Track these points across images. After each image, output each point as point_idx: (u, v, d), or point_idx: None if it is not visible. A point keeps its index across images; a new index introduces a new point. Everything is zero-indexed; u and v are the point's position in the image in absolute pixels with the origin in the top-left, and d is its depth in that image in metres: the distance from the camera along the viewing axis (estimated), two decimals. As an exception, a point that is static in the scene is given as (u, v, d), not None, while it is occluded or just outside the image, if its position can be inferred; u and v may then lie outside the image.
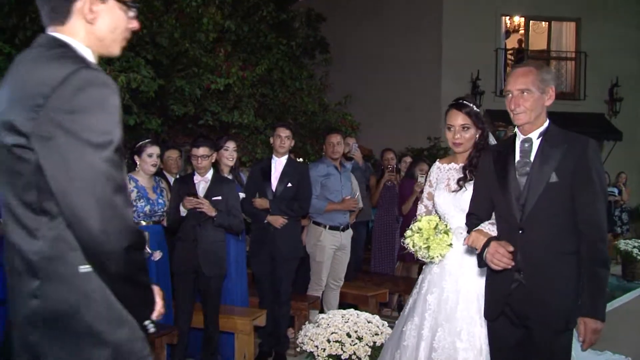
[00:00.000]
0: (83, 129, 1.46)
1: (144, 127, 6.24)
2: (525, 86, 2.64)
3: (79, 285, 1.57)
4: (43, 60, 1.53)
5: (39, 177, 1.50)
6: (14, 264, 1.62)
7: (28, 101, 1.46)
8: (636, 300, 7.94)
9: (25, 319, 1.58)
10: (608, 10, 14.95)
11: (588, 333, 2.51)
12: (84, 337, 1.57)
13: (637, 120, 15.71)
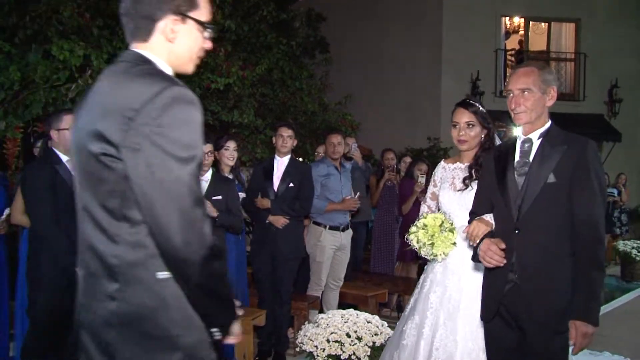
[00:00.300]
0: (170, 143, 1.53)
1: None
2: (527, 86, 2.64)
3: (157, 290, 1.63)
4: (131, 75, 1.62)
5: (124, 185, 1.58)
6: (90, 266, 1.69)
7: (119, 114, 1.54)
8: (635, 301, 7.96)
9: (101, 319, 1.64)
10: (608, 12, 14.97)
11: (579, 337, 2.47)
12: (157, 340, 1.63)
13: (637, 121, 15.72)
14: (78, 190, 1.72)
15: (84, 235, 1.72)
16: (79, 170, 1.70)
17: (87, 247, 1.70)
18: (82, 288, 1.73)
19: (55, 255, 3.68)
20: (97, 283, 1.67)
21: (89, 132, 1.61)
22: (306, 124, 9.66)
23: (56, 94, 5.28)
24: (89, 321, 1.68)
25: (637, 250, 9.60)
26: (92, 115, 1.62)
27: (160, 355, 1.64)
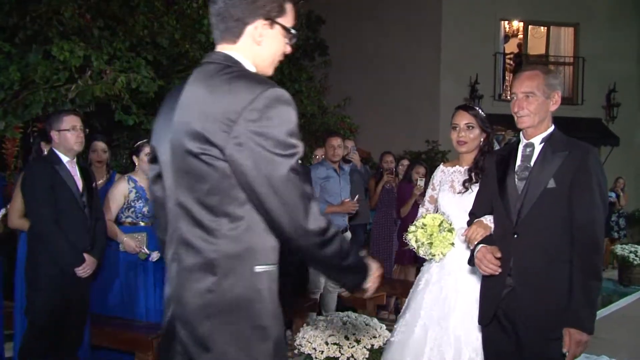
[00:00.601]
0: (272, 142, 1.61)
1: (143, 127, 6.25)
2: (530, 89, 2.63)
3: (253, 282, 1.72)
4: (228, 78, 1.69)
5: (225, 183, 1.66)
6: (185, 261, 1.75)
7: (221, 116, 1.61)
8: (632, 305, 7.97)
9: (197, 311, 1.71)
10: (606, 16, 15.00)
11: (572, 345, 2.46)
12: (252, 330, 1.71)
13: (634, 125, 15.76)
14: (171, 187, 1.79)
15: (178, 231, 1.77)
16: (173, 169, 1.76)
17: (182, 242, 1.76)
18: (176, 282, 1.78)
19: (54, 255, 3.69)
20: (192, 277, 1.72)
21: (187, 132, 1.68)
22: (305, 126, 9.66)
23: (56, 94, 5.28)
24: (183, 314, 1.74)
25: (634, 255, 9.61)
26: (190, 117, 1.69)
27: (254, 345, 1.71)
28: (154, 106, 6.60)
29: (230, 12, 1.76)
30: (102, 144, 5.01)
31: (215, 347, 1.69)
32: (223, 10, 1.77)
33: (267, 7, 1.77)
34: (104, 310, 4.45)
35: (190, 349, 1.73)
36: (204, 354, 1.70)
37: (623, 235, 11.88)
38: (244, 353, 1.71)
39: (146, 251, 4.45)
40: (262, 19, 1.78)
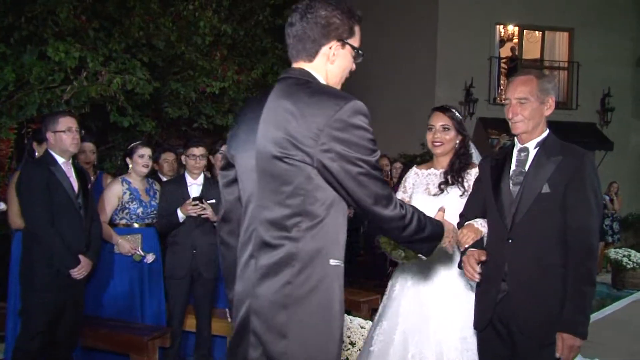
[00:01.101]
0: (355, 146, 1.84)
1: (138, 129, 6.25)
2: (524, 95, 2.62)
3: (327, 275, 1.91)
4: (311, 91, 1.90)
5: (309, 185, 1.86)
6: (263, 259, 1.91)
7: (310, 125, 1.82)
8: (625, 308, 8.00)
9: (274, 303, 1.88)
10: (601, 21, 15.07)
11: (565, 349, 2.45)
12: (325, 316, 1.90)
13: (628, 130, 15.83)
14: (254, 190, 1.97)
15: (257, 231, 1.94)
16: (257, 174, 1.94)
17: (261, 242, 1.93)
18: (253, 279, 1.94)
19: (49, 257, 3.68)
20: (271, 273, 1.89)
21: (275, 140, 1.87)
22: (301, 129, 9.65)
23: (51, 95, 5.28)
24: (260, 307, 1.91)
25: (627, 259, 9.65)
26: (277, 126, 1.87)
27: (326, 331, 1.91)
28: (149, 107, 6.60)
29: (307, 34, 1.98)
30: (90, 144, 5.00)
31: (291, 334, 1.86)
32: (301, 32, 1.99)
33: (339, 29, 1.99)
34: (99, 312, 4.44)
35: (266, 338, 1.88)
36: (281, 341, 1.86)
37: (617, 239, 11.93)
38: (317, 337, 1.89)
39: (141, 253, 4.44)
40: (336, 40, 2.00)
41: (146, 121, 6.26)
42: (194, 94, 6.96)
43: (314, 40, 1.98)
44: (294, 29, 2.02)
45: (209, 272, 4.50)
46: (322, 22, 1.97)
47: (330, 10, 1.98)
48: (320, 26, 1.97)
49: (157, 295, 4.60)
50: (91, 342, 4.22)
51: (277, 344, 1.87)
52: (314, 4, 1.99)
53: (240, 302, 2.00)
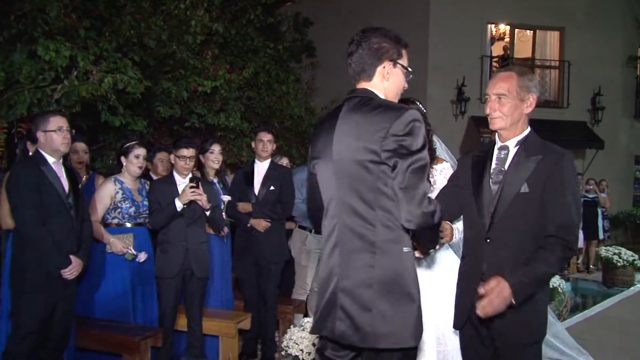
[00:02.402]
0: (412, 145, 2.20)
1: (130, 128, 6.22)
2: (503, 91, 2.61)
3: (403, 260, 2.28)
4: (374, 104, 2.32)
5: (378, 183, 2.25)
6: (350, 244, 2.32)
7: (375, 131, 2.22)
8: (616, 306, 8.04)
9: (361, 282, 2.28)
10: (591, 21, 15.14)
11: (495, 293, 2.42)
12: (402, 295, 2.27)
13: (618, 129, 15.93)
14: (335, 189, 2.38)
15: (344, 222, 2.34)
16: (336, 175, 2.35)
17: (347, 230, 2.33)
18: (340, 262, 2.34)
19: (40, 257, 3.66)
20: (356, 257, 2.30)
21: (350, 146, 2.30)
22: (292, 128, 9.65)
23: (41, 94, 5.23)
24: (349, 286, 2.30)
25: (618, 257, 9.70)
26: (351, 135, 2.30)
27: (404, 307, 2.27)
28: (140, 107, 6.57)
29: (365, 59, 2.38)
30: (82, 144, 4.98)
31: (375, 308, 2.24)
32: (359, 58, 2.39)
33: (390, 52, 2.39)
34: (91, 312, 4.43)
35: (353, 312, 2.28)
36: (366, 314, 2.25)
37: (607, 237, 11.98)
38: (396, 312, 2.25)
39: (133, 252, 4.43)
40: (388, 60, 2.39)
41: (138, 120, 6.23)
42: (185, 93, 6.93)
43: (370, 63, 2.38)
44: (354, 57, 2.41)
45: (201, 270, 4.49)
46: (375, 47, 2.37)
47: (380, 37, 2.38)
48: (374, 50, 2.37)
49: (149, 295, 4.59)
50: (83, 343, 4.21)
51: (364, 317, 2.25)
52: (367, 34, 2.40)
53: (326, 284, 2.38)
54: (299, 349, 3.91)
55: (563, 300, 6.69)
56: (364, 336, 2.25)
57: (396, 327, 2.24)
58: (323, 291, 2.40)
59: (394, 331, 2.23)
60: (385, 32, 2.41)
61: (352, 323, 2.27)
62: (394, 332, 2.24)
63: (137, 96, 5.82)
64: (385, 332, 2.23)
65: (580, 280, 10.60)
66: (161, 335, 4.29)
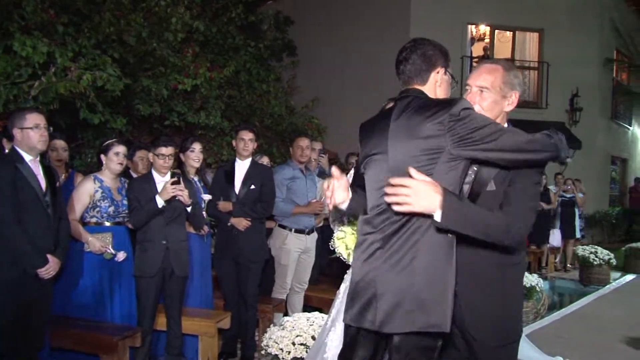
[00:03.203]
0: (468, 129, 2.23)
1: (109, 126, 6.16)
2: (486, 84, 2.50)
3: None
4: (429, 101, 2.40)
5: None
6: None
7: (433, 121, 2.26)
8: (592, 303, 8.16)
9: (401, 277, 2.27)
10: (569, 23, 15.32)
11: (414, 194, 2.17)
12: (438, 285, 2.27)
13: (595, 129, 16.14)
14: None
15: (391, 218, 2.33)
16: (396, 172, 2.30)
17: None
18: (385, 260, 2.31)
19: (16, 256, 3.61)
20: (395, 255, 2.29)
21: (409, 137, 2.33)
22: (272, 126, 9.64)
23: (18, 91, 5.16)
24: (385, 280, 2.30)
25: (594, 255, 9.84)
26: (407, 129, 2.34)
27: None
28: (120, 104, 6.52)
29: (420, 65, 2.50)
30: (61, 142, 4.93)
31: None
32: (413, 65, 2.50)
33: (441, 60, 2.53)
34: (68, 312, 4.38)
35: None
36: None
37: (582, 236, 12.13)
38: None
39: (112, 251, 4.39)
40: (440, 66, 2.52)
41: (117, 118, 6.17)
42: (165, 91, 6.89)
43: (426, 69, 2.50)
44: (408, 63, 2.52)
45: (181, 269, 4.47)
46: (430, 54, 2.49)
47: (433, 46, 2.53)
48: (429, 57, 2.49)
49: (128, 294, 4.55)
50: (59, 343, 4.16)
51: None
52: (419, 43, 2.53)
53: (369, 282, 2.33)
54: (278, 347, 3.90)
55: (541, 299, 6.77)
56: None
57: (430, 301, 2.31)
58: (367, 287, 2.35)
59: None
60: (436, 43, 2.56)
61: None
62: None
63: (117, 94, 5.77)
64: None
65: (558, 279, 10.73)
66: (140, 335, 4.26)
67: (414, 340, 2.26)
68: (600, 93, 16.58)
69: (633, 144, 20.41)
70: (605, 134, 17.18)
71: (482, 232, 2.26)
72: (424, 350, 2.28)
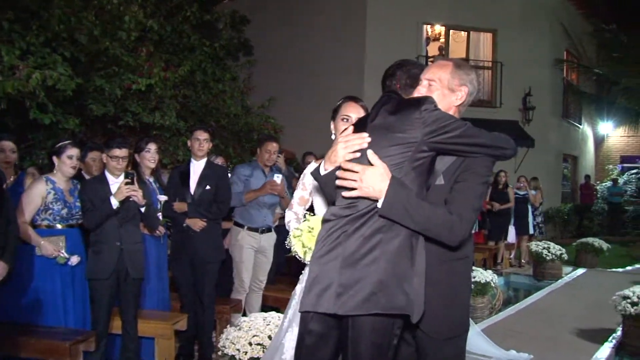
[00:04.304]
0: (439, 122, 2.28)
1: (61, 126, 6.03)
2: (433, 77, 2.52)
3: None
4: (401, 100, 2.48)
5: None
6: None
7: (408, 116, 2.34)
8: (545, 298, 8.36)
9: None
10: (521, 24, 15.66)
11: (361, 179, 2.23)
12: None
13: (547, 128, 16.54)
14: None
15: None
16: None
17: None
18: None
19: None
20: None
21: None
22: (229, 126, 9.59)
23: (-39, 90, 5.01)
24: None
25: (547, 251, 10.08)
26: (388, 125, 2.40)
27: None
28: (72, 104, 6.38)
29: (405, 81, 2.66)
30: (10, 143, 4.80)
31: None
32: (398, 81, 2.66)
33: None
34: (19, 318, 4.25)
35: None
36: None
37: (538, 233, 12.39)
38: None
39: (65, 255, 4.29)
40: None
41: (69, 118, 6.05)
42: (119, 90, 6.78)
43: (410, 84, 2.62)
44: (394, 78, 2.67)
45: (136, 271, 4.40)
46: (414, 72, 2.63)
47: (419, 67, 2.68)
48: (414, 74, 2.62)
49: (82, 298, 4.46)
50: (9, 350, 4.04)
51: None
52: (406, 62, 2.73)
53: (328, 271, 2.28)
54: (235, 348, 3.88)
55: (496, 295, 6.90)
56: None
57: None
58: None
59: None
60: (422, 65, 2.72)
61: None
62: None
63: (68, 93, 5.66)
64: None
65: (513, 274, 10.95)
66: (94, 339, 4.18)
67: (375, 323, 2.20)
68: (552, 93, 17.00)
69: (583, 142, 20.99)
70: (556, 132, 17.63)
71: (422, 226, 2.25)
72: (383, 334, 2.23)
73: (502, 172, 11.44)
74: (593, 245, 11.48)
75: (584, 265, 11.29)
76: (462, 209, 2.32)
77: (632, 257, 13.10)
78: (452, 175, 2.41)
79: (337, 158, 2.46)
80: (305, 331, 2.41)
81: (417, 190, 2.31)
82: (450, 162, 2.42)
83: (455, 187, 2.38)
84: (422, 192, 2.35)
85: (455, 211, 2.30)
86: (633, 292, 5.58)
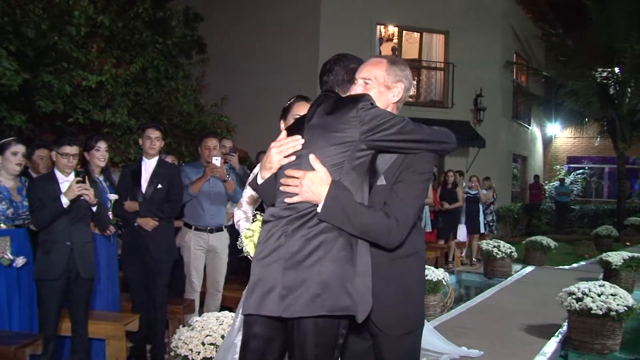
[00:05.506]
0: (377, 120, 2.29)
1: (6, 123, 5.85)
2: (369, 75, 2.52)
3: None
4: (338, 99, 2.50)
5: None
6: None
7: (346, 115, 2.35)
8: (495, 295, 8.52)
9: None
10: (473, 26, 15.96)
11: (302, 185, 2.24)
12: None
13: (498, 129, 16.91)
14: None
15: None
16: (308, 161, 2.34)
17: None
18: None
19: None
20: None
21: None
22: (181, 125, 9.48)
23: None
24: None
25: (497, 249, 10.29)
26: (325, 125, 2.40)
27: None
28: (18, 100, 6.20)
29: (343, 76, 2.67)
30: None
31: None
32: (335, 76, 2.69)
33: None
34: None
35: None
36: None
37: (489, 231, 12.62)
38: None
39: (10, 256, 4.17)
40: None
41: (15, 115, 5.88)
42: (68, 87, 6.62)
43: (347, 80, 2.62)
44: (331, 74, 2.68)
45: (87, 271, 4.31)
46: (352, 67, 2.63)
47: (357, 61, 2.67)
48: (351, 69, 2.62)
49: (28, 300, 4.34)
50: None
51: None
52: (344, 57, 2.71)
53: (271, 273, 2.26)
54: (188, 348, 3.84)
55: (448, 292, 7.01)
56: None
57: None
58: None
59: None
60: (359, 59, 2.67)
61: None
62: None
63: (14, 89, 5.50)
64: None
65: (464, 272, 11.16)
66: (41, 342, 4.06)
67: (321, 325, 2.19)
68: (502, 94, 17.39)
69: (532, 143, 21.55)
70: (507, 133, 18.04)
71: (361, 230, 2.26)
72: (330, 335, 2.22)
73: (451, 172, 11.65)
74: (541, 243, 11.77)
75: (533, 263, 11.56)
76: (400, 211, 2.32)
77: (578, 254, 13.49)
78: (393, 175, 2.41)
79: (272, 164, 2.45)
80: (250, 334, 2.39)
81: (358, 190, 2.31)
82: (391, 161, 2.42)
83: (394, 188, 2.37)
84: (363, 192, 2.34)
85: (392, 214, 2.30)
86: (578, 288, 5.75)
